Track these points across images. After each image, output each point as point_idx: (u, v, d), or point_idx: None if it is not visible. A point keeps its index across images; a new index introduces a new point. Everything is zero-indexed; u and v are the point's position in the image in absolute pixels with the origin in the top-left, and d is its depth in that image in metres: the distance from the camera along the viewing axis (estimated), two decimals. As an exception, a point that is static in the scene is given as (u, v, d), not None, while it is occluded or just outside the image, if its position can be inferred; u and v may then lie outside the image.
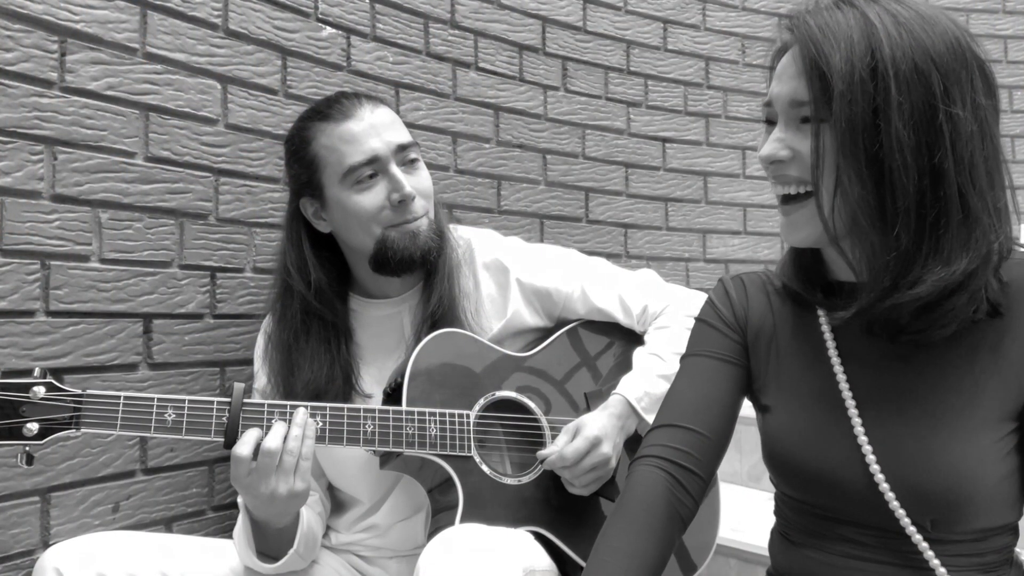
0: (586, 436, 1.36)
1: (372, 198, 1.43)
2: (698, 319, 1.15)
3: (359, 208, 1.43)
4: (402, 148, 1.45)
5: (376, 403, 1.45)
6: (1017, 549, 1.00)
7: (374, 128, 1.43)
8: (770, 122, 0.99)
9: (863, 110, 0.88)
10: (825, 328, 1.03)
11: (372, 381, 1.49)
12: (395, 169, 1.43)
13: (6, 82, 1.36)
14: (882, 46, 0.88)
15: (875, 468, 0.94)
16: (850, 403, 0.98)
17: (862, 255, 0.92)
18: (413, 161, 1.47)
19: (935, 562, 0.92)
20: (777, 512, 1.11)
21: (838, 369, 1.00)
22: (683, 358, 1.14)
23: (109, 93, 1.48)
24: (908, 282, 0.89)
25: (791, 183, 0.96)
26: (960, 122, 0.88)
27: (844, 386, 0.99)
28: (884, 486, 0.93)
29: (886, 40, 0.88)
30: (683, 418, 1.08)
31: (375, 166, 1.43)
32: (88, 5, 1.45)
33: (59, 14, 1.42)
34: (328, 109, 1.46)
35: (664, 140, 2.50)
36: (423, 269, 1.48)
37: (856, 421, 0.97)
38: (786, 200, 0.98)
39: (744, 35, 2.62)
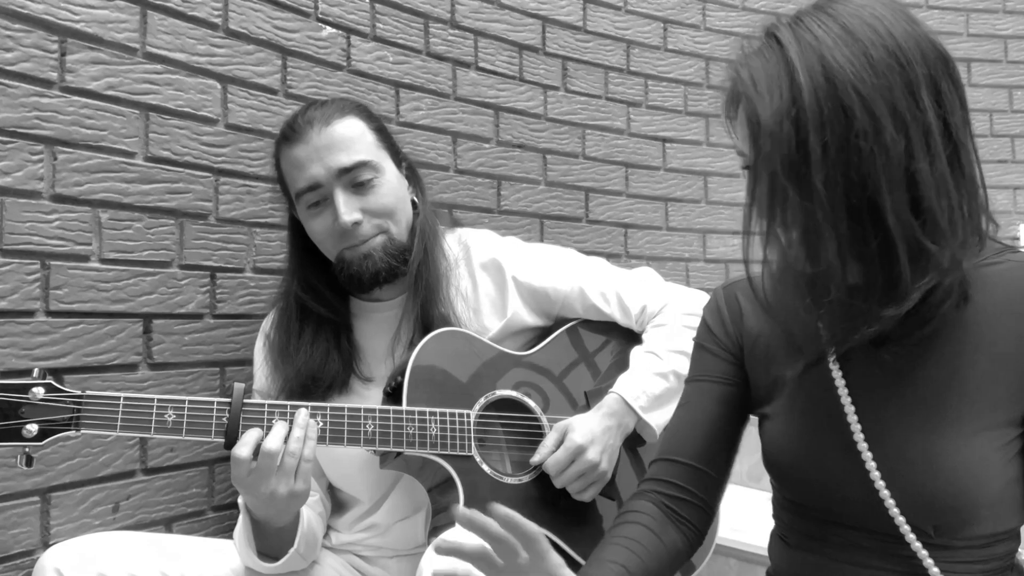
0: (567, 446, 1.37)
1: (321, 223, 1.44)
2: (695, 341, 1.16)
3: (313, 232, 1.46)
4: (346, 171, 1.42)
5: (377, 388, 1.45)
6: (1021, 550, 1.00)
7: (317, 152, 1.41)
8: (747, 167, 0.98)
9: (788, 165, 0.86)
10: (823, 333, 1.01)
11: (371, 371, 1.50)
12: (338, 195, 1.41)
13: (6, 82, 1.35)
14: (803, 96, 0.85)
15: (876, 475, 0.93)
16: (849, 409, 0.97)
17: (805, 311, 0.92)
18: (366, 181, 1.43)
19: (934, 570, 0.92)
20: (775, 515, 1.11)
21: (837, 375, 0.99)
22: (685, 382, 1.15)
23: (109, 93, 1.48)
24: (864, 322, 0.89)
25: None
26: (889, 147, 0.84)
27: (843, 392, 0.98)
28: (884, 492, 0.92)
29: (807, 86, 0.85)
30: (681, 452, 1.09)
31: (319, 192, 1.43)
32: (88, 5, 1.45)
33: (59, 14, 1.42)
34: (287, 130, 1.46)
35: (664, 140, 2.50)
36: (376, 287, 1.46)
37: (856, 428, 0.96)
38: None
39: (744, 35, 2.61)
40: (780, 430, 1.05)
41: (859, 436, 0.95)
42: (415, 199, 1.54)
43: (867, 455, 0.94)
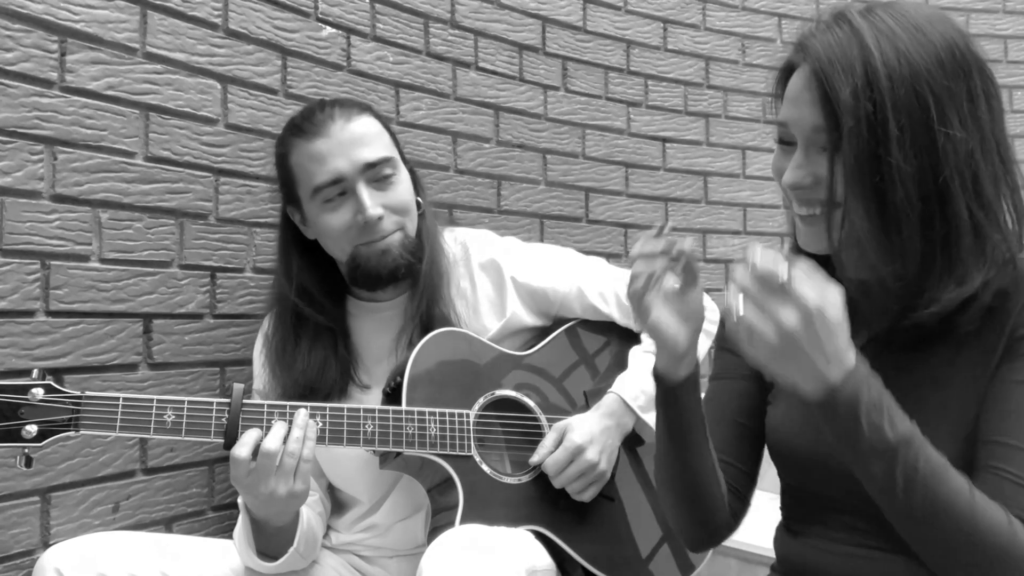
0: (566, 446, 1.37)
1: (340, 218, 1.43)
2: (716, 344, 1.19)
3: (328, 227, 1.44)
4: (370, 166, 1.43)
5: (375, 396, 1.45)
6: None
7: (341, 146, 1.41)
8: (783, 141, 1.00)
9: (867, 144, 0.89)
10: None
11: (369, 379, 1.49)
12: (361, 188, 1.42)
13: (6, 82, 1.36)
14: (879, 77, 0.89)
15: None
16: None
17: (871, 283, 0.94)
18: (387, 177, 1.45)
19: None
20: (781, 505, 1.14)
21: None
22: (709, 380, 1.17)
23: (109, 93, 1.48)
24: (923, 303, 0.92)
25: (816, 205, 0.97)
26: (959, 142, 0.89)
27: None
28: None
29: (882, 69, 0.89)
30: (717, 450, 1.11)
31: (342, 185, 1.42)
32: (88, 5, 1.45)
33: (59, 14, 1.42)
34: (303, 123, 1.45)
35: (664, 140, 2.50)
36: (395, 283, 1.47)
37: None
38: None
39: (744, 35, 2.62)
40: (782, 416, 1.08)
41: None
42: (419, 199, 1.54)
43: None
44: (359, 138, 1.43)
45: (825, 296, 0.82)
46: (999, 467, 0.88)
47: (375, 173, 1.43)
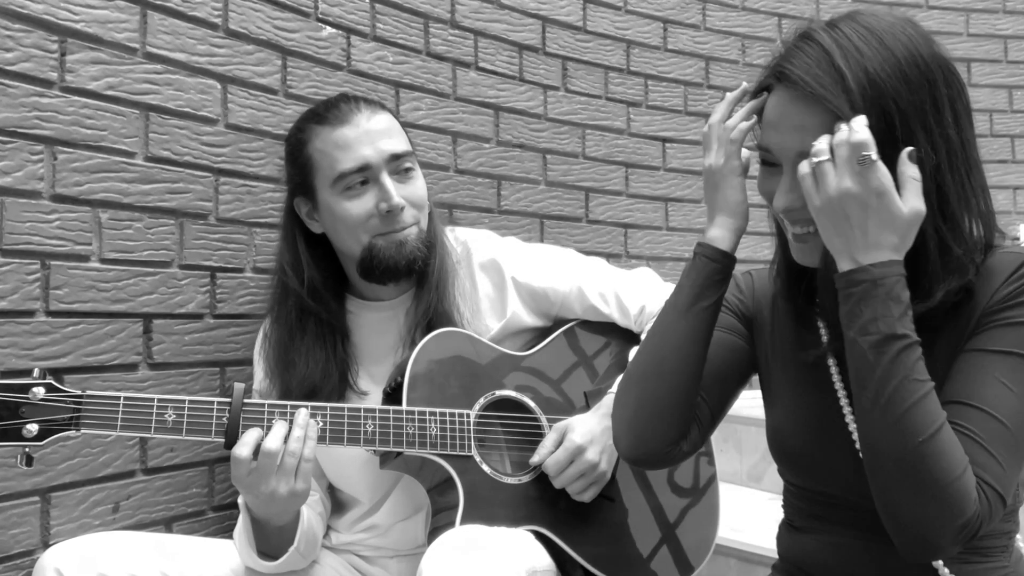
0: (567, 447, 1.37)
1: (361, 206, 1.43)
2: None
3: (347, 215, 1.43)
4: (395, 157, 1.45)
5: (372, 401, 1.45)
6: (1019, 536, 1.04)
7: (368, 135, 1.43)
8: (767, 163, 1.02)
9: None
10: (821, 321, 1.07)
11: (369, 380, 1.49)
12: (386, 178, 1.43)
13: (6, 82, 1.36)
14: (853, 96, 0.91)
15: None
16: (841, 392, 1.02)
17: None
18: (407, 170, 1.47)
19: None
20: (784, 503, 1.16)
21: (831, 360, 1.04)
22: None
23: (109, 93, 1.48)
24: None
25: (808, 224, 0.98)
26: (924, 161, 0.90)
27: (836, 377, 1.03)
28: None
29: (856, 89, 0.91)
30: None
31: (366, 174, 1.43)
32: (88, 5, 1.45)
33: (59, 14, 1.42)
34: (326, 112, 1.46)
35: (664, 140, 2.50)
36: (410, 277, 1.48)
37: (847, 411, 1.01)
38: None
39: (744, 35, 2.62)
40: (781, 413, 1.11)
41: (849, 419, 1.01)
42: None
43: (856, 436, 0.99)
44: (385, 130, 1.45)
45: (891, 190, 0.88)
46: (960, 423, 0.89)
47: (398, 165, 1.45)
